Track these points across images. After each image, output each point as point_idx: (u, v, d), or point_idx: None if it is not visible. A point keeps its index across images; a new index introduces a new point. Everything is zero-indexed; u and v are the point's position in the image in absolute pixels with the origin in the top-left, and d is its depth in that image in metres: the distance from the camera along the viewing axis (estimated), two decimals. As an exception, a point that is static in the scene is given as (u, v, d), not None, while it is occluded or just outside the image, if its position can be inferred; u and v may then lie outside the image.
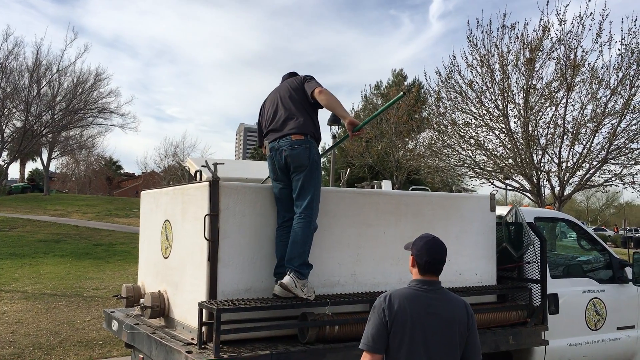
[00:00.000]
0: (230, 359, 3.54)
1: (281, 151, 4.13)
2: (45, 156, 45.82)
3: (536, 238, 5.21)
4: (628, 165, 14.31)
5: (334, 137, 19.49)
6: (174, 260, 4.49)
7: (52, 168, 52.37)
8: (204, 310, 3.75)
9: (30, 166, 64.80)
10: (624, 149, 14.07)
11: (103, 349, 8.00)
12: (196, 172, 4.77)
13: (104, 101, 40.35)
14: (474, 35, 15.14)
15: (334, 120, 18.65)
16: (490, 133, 15.52)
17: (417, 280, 2.92)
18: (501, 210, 5.56)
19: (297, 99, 4.28)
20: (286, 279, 3.88)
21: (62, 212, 30.26)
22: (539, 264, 5.18)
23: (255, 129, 4.61)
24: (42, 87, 36.70)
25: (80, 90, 38.50)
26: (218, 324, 3.55)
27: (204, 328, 3.77)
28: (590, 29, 13.70)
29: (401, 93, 4.58)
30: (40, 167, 55.22)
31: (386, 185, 6.27)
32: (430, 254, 2.90)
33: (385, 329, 2.81)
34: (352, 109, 33.10)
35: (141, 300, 4.77)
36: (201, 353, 3.62)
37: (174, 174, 46.05)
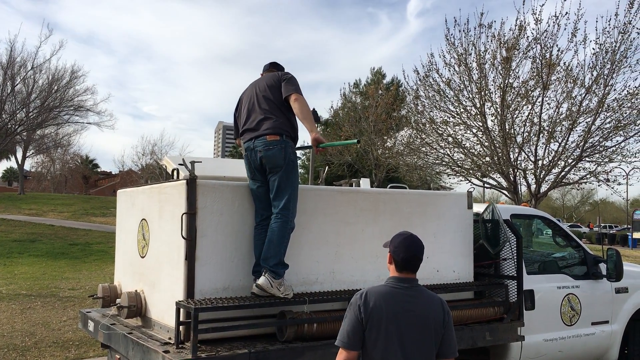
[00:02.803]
0: (208, 358, 3.52)
1: (256, 151, 4.13)
2: (19, 155, 45.08)
3: (512, 235, 5.27)
4: (602, 163, 14.54)
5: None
6: (151, 260, 4.45)
7: (27, 167, 51.56)
8: (182, 310, 3.72)
9: (4, 165, 63.73)
10: (598, 147, 14.30)
11: (79, 350, 7.89)
12: (173, 170, 4.73)
13: (80, 99, 39.82)
14: (451, 34, 15.26)
15: (315, 120, 18.60)
16: (468, 131, 15.66)
17: (394, 278, 2.94)
18: (478, 208, 5.61)
19: (273, 98, 4.24)
20: (261, 280, 3.88)
21: (37, 212, 29.80)
22: (515, 260, 5.24)
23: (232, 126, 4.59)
24: (17, 85, 36.07)
25: (55, 87, 37.92)
26: (196, 323, 3.52)
27: (181, 327, 3.74)
28: (565, 29, 13.94)
29: (355, 140, 4.76)
30: (15, 165, 54.32)
31: (364, 183, 6.29)
32: (406, 251, 2.91)
33: (361, 326, 2.83)
34: (332, 107, 33.11)
35: (118, 300, 4.72)
36: (178, 353, 3.59)
37: (152, 173, 45.63)
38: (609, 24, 13.40)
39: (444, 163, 16.68)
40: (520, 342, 5.27)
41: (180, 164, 4.24)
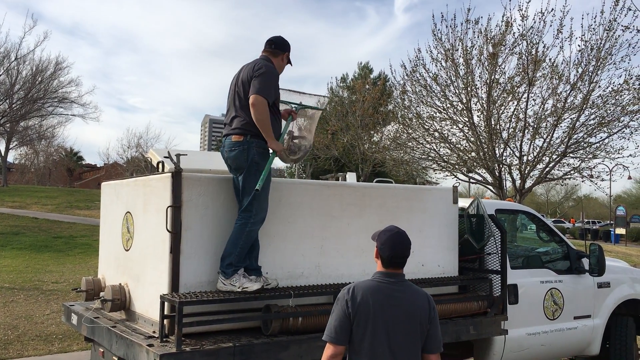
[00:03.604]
0: (193, 352, 3.52)
1: (224, 150, 4.16)
2: (2, 147, 44.48)
3: (497, 230, 5.31)
4: (586, 159, 14.67)
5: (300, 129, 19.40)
6: (136, 253, 4.42)
7: (10, 159, 50.94)
8: (166, 303, 3.71)
9: (-13, 157, 62.84)
10: (582, 143, 14.41)
11: (63, 343, 7.84)
12: (158, 163, 4.70)
13: (64, 90, 39.30)
14: (438, 30, 15.27)
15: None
16: (454, 126, 15.71)
17: (381, 273, 2.95)
18: (463, 203, 5.63)
19: (243, 95, 4.11)
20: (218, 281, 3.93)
21: (20, 204, 29.46)
22: (500, 255, 5.28)
23: (221, 120, 4.55)
24: (0, 76, 35.58)
25: (39, 79, 37.42)
26: (180, 316, 3.51)
27: (165, 321, 3.73)
28: (551, 25, 13.95)
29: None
30: (-2, 157, 53.67)
31: (351, 177, 6.30)
32: (392, 249, 2.92)
33: (348, 321, 2.85)
34: (319, 101, 32.91)
35: (101, 294, 4.69)
36: (163, 346, 3.58)
37: (138, 166, 45.31)
38: (595, 21, 13.49)
39: (430, 158, 16.74)
40: (504, 336, 5.32)
41: (165, 157, 4.21)
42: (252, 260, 4.12)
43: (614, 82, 13.73)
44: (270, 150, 4.11)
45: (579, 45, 13.80)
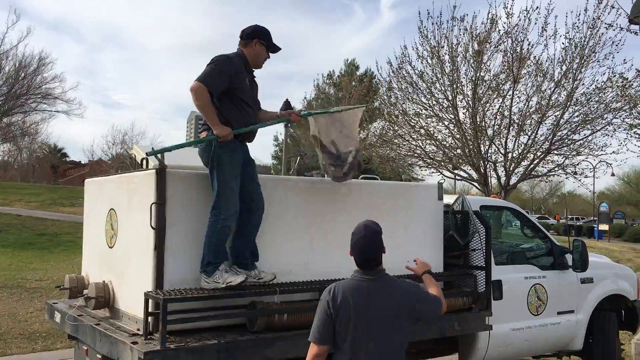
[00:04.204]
0: (177, 349, 3.50)
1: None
2: (-15, 143, 43.96)
3: (481, 226, 5.33)
4: (570, 156, 14.81)
5: (285, 125, 19.40)
6: (120, 250, 4.39)
7: (-8, 155, 50.34)
8: (150, 300, 3.68)
9: (-31, 153, 62.04)
10: (566, 140, 14.54)
11: (46, 342, 7.78)
12: (142, 159, 4.66)
13: (48, 86, 38.88)
14: (424, 27, 15.29)
15: (287, 108, 18.57)
16: (440, 123, 15.77)
17: (358, 271, 3.02)
18: (448, 199, 5.66)
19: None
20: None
21: (3, 201, 29.13)
22: (484, 251, 5.31)
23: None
24: (-18, 72, 35.12)
25: (22, 74, 36.99)
26: (164, 314, 3.49)
27: (150, 318, 3.71)
28: (536, 23, 14.01)
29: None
30: (-20, 154, 53.07)
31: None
32: (360, 255, 3.00)
33: (331, 320, 2.90)
34: (305, 98, 33.03)
35: (85, 291, 4.66)
36: (147, 344, 3.56)
37: (123, 163, 44.99)
38: (579, 19, 13.60)
39: (416, 155, 16.79)
40: (488, 331, 5.35)
41: (149, 153, 4.17)
42: (245, 253, 4.12)
43: (597, 80, 13.87)
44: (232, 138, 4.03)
45: (563, 43, 13.90)
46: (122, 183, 4.46)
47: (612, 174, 40.99)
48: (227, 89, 4.07)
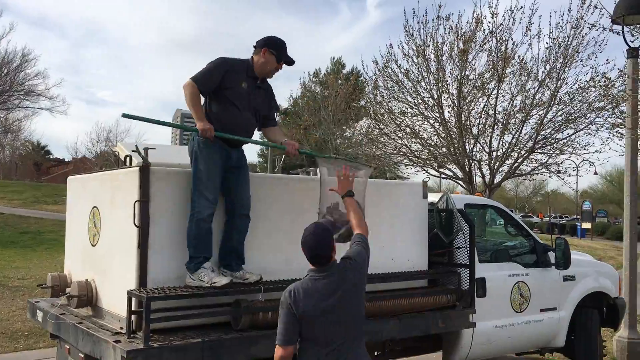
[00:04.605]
0: (160, 348, 3.48)
1: None
2: (-33, 140, 43.37)
3: (465, 224, 5.37)
4: (553, 155, 14.89)
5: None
6: (103, 248, 4.36)
7: (-26, 152, 49.66)
8: (133, 299, 3.67)
9: (-50, 150, 61.11)
10: (550, 139, 14.62)
11: (29, 341, 7.71)
12: (126, 157, 4.63)
13: (31, 83, 38.49)
14: (410, 25, 15.26)
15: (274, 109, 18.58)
16: (425, 122, 15.77)
17: (311, 270, 3.23)
18: (433, 197, 5.68)
19: None
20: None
21: (-15, 199, 28.79)
22: (468, 249, 5.34)
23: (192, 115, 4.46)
24: (-36, 68, 34.65)
25: (5, 71, 36.58)
26: (148, 312, 3.47)
27: (133, 317, 3.69)
28: (520, 23, 14.03)
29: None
30: (-38, 151, 52.34)
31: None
32: (307, 252, 3.20)
33: (296, 320, 3.09)
34: (291, 96, 32.98)
35: (67, 290, 4.62)
36: (130, 342, 3.55)
37: (107, 160, 44.63)
38: (562, 19, 13.67)
39: (401, 153, 16.78)
40: (472, 328, 5.39)
41: (133, 151, 4.16)
42: (231, 255, 4.14)
43: (580, 80, 13.95)
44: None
45: (547, 43, 13.95)
46: (105, 180, 4.43)
47: (595, 173, 41.53)
48: (219, 88, 4.11)
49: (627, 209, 8.43)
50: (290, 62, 4.41)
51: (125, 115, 3.93)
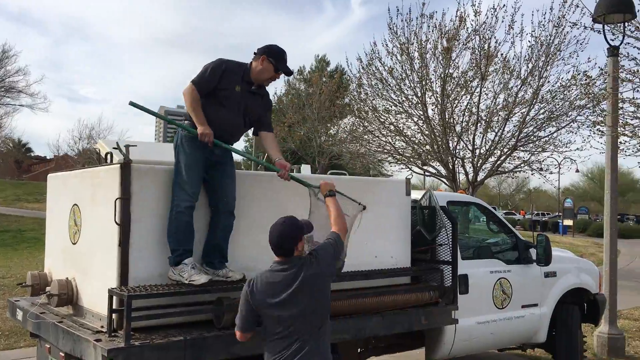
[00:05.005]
0: (142, 346, 3.46)
1: None
2: (-54, 137, 42.67)
3: (448, 221, 5.39)
4: (536, 153, 15.06)
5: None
6: (83, 246, 4.31)
7: (-47, 150, 48.91)
8: (114, 297, 3.63)
9: None
10: (532, 137, 14.78)
11: (9, 340, 7.61)
12: (107, 154, 4.59)
13: (11, 80, 37.95)
14: (394, 23, 15.34)
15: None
16: (409, 120, 15.86)
17: (274, 261, 3.31)
18: (416, 195, 5.70)
19: None
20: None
21: (-36, 197, 28.39)
22: (451, 246, 5.37)
23: (177, 112, 4.49)
24: (-58, 64, 34.07)
25: (-15, 67, 36.05)
26: (129, 310, 3.45)
27: (114, 315, 3.65)
28: (503, 21, 14.19)
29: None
30: (-60, 148, 51.50)
31: (305, 169, 6.31)
32: (271, 242, 3.28)
33: (252, 311, 3.25)
34: (275, 93, 32.93)
35: (47, 288, 4.56)
36: (111, 341, 3.51)
37: (89, 158, 44.17)
38: (544, 18, 13.83)
39: (385, 151, 16.87)
40: (454, 325, 5.42)
41: (114, 148, 4.11)
42: (214, 253, 4.13)
43: (562, 78, 14.12)
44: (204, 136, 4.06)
45: (529, 41, 14.14)
46: (86, 178, 4.38)
47: (577, 171, 41.88)
48: (213, 88, 4.14)
49: (608, 206, 8.53)
50: (288, 72, 4.42)
51: (132, 104, 4.00)
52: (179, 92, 4.48)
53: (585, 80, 13.45)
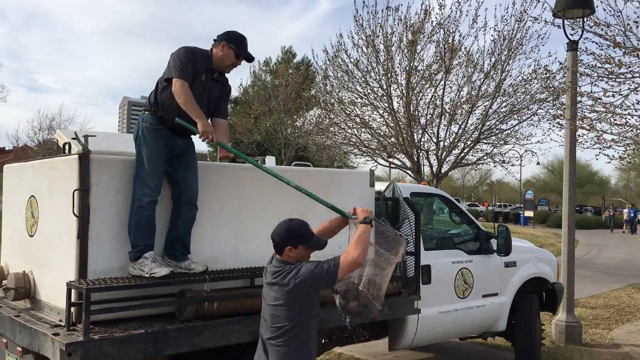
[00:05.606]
0: (101, 340, 3.40)
1: None
2: None
3: (411, 212, 5.44)
4: (498, 145, 15.37)
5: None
6: (41, 239, 4.21)
7: None
8: (73, 290, 3.56)
9: None
10: (494, 130, 15.06)
11: (-36, 336, 7.38)
12: (64, 144, 4.48)
13: (-33, 68, 36.80)
14: (360, 16, 15.39)
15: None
16: (375, 112, 15.97)
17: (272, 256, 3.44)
18: (380, 186, 5.74)
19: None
20: None
21: None
22: (414, 237, 5.42)
23: (140, 103, 4.41)
24: None
25: (-62, 54, 34.85)
26: (88, 303, 3.38)
27: (72, 309, 3.58)
28: (467, 15, 14.39)
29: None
30: None
31: (270, 161, 6.28)
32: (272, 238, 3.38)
33: None
34: (241, 84, 32.68)
35: (4, 282, 4.45)
36: (69, 335, 3.45)
37: (50, 149, 43.15)
38: (507, 12, 14.08)
39: (351, 143, 16.95)
40: (417, 315, 5.48)
41: (73, 138, 4.03)
42: (176, 244, 4.07)
43: (524, 72, 14.41)
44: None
45: (492, 35, 14.37)
46: (43, 169, 4.27)
47: (538, 163, 42.96)
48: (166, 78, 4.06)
49: (566, 198, 8.75)
50: (250, 58, 4.35)
51: (178, 122, 3.95)
52: (143, 83, 4.44)
53: (546, 74, 13.73)
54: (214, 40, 4.29)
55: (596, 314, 10.42)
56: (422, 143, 15.50)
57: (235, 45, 4.22)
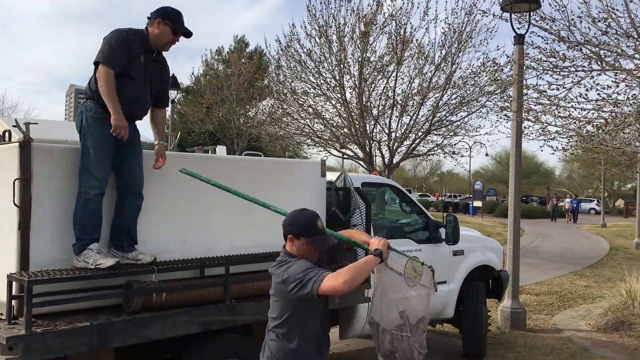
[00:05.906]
0: (44, 333, 3.31)
1: None
2: None
3: (362, 202, 5.48)
4: (448, 136, 15.66)
5: (172, 102, 18.84)
6: (-21, 230, 4.04)
7: None
8: (14, 283, 3.45)
9: None
10: (445, 121, 15.33)
11: None
12: (5, 132, 4.32)
13: None
14: (313, 6, 15.37)
15: (174, 86, 18.16)
16: (328, 102, 16.00)
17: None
18: (332, 176, 5.76)
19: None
20: None
21: None
22: (364, 226, 5.47)
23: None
24: None
25: None
26: (29, 296, 3.28)
27: (13, 302, 3.47)
28: (418, 7, 14.58)
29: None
30: None
31: (221, 150, 6.21)
32: None
33: None
34: (192, 73, 32.20)
35: (-60, 275, 4.25)
36: (10, 328, 3.34)
37: (-9, 137, 41.45)
38: (457, 5, 14.30)
39: (304, 133, 16.94)
40: (368, 303, 5.54)
41: (13, 126, 3.88)
42: (122, 235, 3.99)
43: (473, 64, 14.73)
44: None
45: (443, 28, 14.58)
46: (-18, 157, 4.10)
47: (486, 154, 43.90)
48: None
49: (512, 188, 9.00)
50: (188, 33, 4.19)
51: (183, 171, 3.85)
52: (90, 70, 4.23)
53: (494, 67, 14.06)
54: (148, 17, 4.12)
55: (540, 300, 10.79)
56: (374, 134, 15.64)
57: (170, 21, 4.07)
